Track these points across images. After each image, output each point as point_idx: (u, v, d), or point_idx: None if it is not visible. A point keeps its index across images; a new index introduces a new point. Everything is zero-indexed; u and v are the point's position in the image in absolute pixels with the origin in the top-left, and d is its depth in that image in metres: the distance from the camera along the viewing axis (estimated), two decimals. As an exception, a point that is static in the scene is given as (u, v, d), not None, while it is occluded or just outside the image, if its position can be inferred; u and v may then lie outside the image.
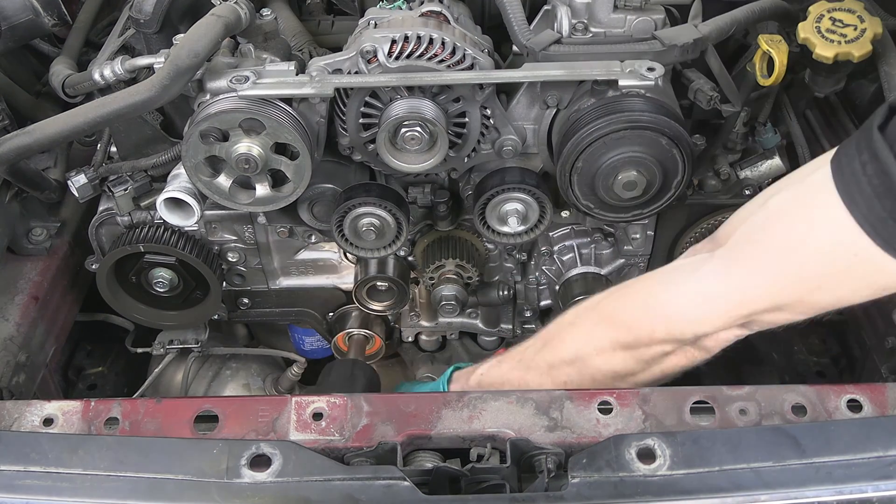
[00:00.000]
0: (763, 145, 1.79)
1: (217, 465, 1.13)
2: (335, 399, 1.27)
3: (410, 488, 1.10)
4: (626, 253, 1.85)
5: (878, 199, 1.11)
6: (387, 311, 1.91)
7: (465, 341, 2.16)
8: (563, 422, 1.23)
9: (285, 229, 1.79)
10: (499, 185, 1.63)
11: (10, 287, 1.80)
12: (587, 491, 1.10)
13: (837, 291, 1.23)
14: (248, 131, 1.49)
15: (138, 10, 1.62)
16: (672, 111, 1.52)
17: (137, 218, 1.76)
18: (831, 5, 1.58)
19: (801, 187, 1.26)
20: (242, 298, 1.94)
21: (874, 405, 1.25)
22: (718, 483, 1.10)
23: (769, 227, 1.28)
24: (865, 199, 1.12)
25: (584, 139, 1.49)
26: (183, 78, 1.45)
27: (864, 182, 1.12)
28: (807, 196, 1.24)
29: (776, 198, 1.29)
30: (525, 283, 1.94)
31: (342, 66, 1.53)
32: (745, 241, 1.31)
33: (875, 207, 1.11)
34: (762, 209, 1.30)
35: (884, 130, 1.11)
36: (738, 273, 1.30)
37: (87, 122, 1.52)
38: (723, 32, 1.56)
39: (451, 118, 1.55)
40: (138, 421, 1.26)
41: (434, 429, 1.23)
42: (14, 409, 1.28)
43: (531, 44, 1.53)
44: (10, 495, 1.11)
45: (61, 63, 1.79)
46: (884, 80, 1.57)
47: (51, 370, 1.85)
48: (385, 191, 1.63)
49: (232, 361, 2.12)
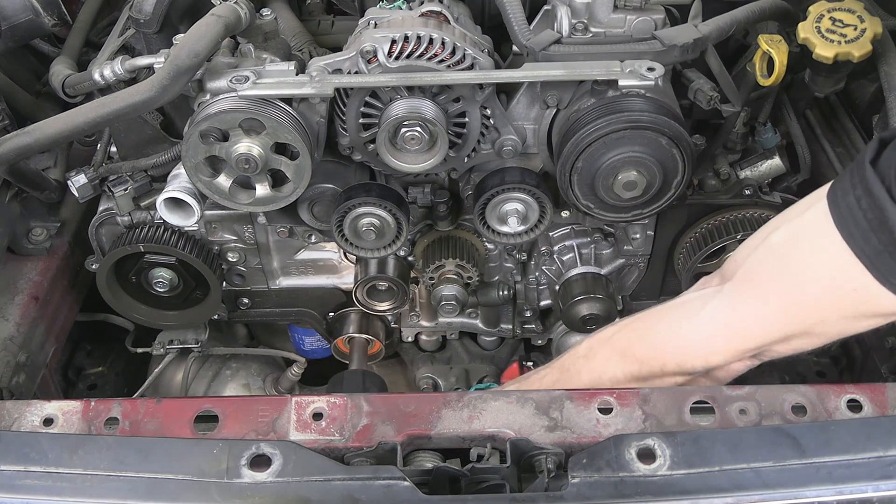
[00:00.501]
0: (763, 145, 1.79)
1: (217, 465, 1.13)
2: (335, 399, 1.27)
3: (410, 488, 1.10)
4: (626, 253, 1.85)
5: (873, 233, 1.13)
6: (387, 312, 1.91)
7: (465, 341, 2.16)
8: (563, 422, 1.23)
9: (285, 229, 1.79)
10: (499, 185, 1.62)
11: (10, 287, 1.80)
12: (587, 491, 1.10)
13: (841, 323, 1.27)
14: (248, 131, 1.49)
15: (138, 10, 1.62)
16: (672, 111, 1.52)
17: (137, 218, 1.76)
18: (831, 5, 1.58)
19: (801, 222, 1.28)
20: (242, 298, 1.94)
21: (874, 405, 1.25)
22: (718, 483, 1.10)
23: (772, 263, 1.31)
24: (862, 233, 1.14)
25: (584, 139, 1.49)
26: (183, 78, 1.45)
27: (860, 216, 1.14)
28: (806, 231, 1.26)
29: (777, 233, 1.31)
30: (525, 283, 1.94)
31: (342, 66, 1.53)
32: (750, 277, 1.34)
33: (871, 241, 1.13)
34: (764, 245, 1.33)
35: (875, 164, 1.14)
36: (744, 308, 1.34)
37: (87, 122, 1.52)
38: (723, 32, 1.56)
39: (451, 118, 1.55)
40: (138, 421, 1.26)
41: (434, 429, 1.23)
42: (14, 409, 1.28)
43: (531, 44, 1.53)
44: (10, 495, 1.11)
45: (61, 63, 1.78)
46: (884, 80, 1.58)
47: (51, 370, 1.85)
48: (385, 191, 1.63)
49: (232, 361, 2.12)
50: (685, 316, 1.42)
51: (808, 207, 1.26)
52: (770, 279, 1.31)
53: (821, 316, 1.26)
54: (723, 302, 1.36)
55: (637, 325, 1.50)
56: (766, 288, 1.31)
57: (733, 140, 1.78)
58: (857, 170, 1.16)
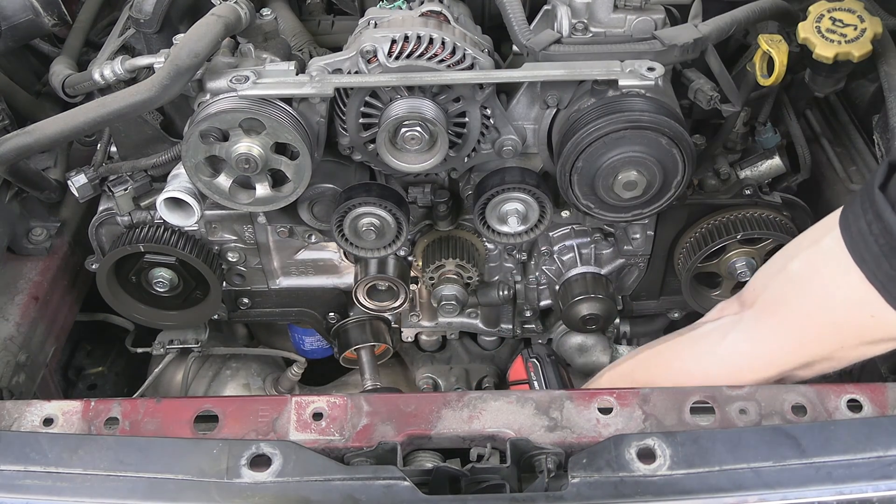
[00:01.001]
0: (763, 145, 1.79)
1: (217, 465, 1.13)
2: (335, 399, 1.27)
3: (410, 488, 1.10)
4: (626, 253, 1.85)
5: (885, 258, 1.13)
6: (386, 311, 1.91)
7: (465, 341, 2.16)
8: (563, 422, 1.23)
9: (285, 229, 1.79)
10: (499, 185, 1.62)
11: (10, 287, 1.80)
12: (587, 491, 1.10)
13: (860, 349, 1.28)
14: (248, 131, 1.49)
15: (138, 10, 1.62)
16: (672, 111, 1.52)
17: (137, 218, 1.76)
18: (831, 5, 1.58)
19: (816, 250, 1.29)
20: (242, 298, 1.94)
21: (874, 405, 1.25)
22: (718, 483, 1.10)
23: (792, 292, 1.32)
24: (874, 258, 1.15)
25: (584, 139, 1.49)
26: (183, 78, 1.45)
27: (871, 241, 1.14)
28: (821, 259, 1.27)
29: (794, 262, 1.32)
30: (525, 282, 1.94)
31: (342, 66, 1.53)
32: (770, 306, 1.35)
33: (883, 266, 1.14)
34: (784, 273, 1.33)
35: (885, 189, 1.14)
36: (767, 337, 1.34)
37: (87, 122, 1.52)
38: (723, 32, 1.56)
39: (451, 118, 1.55)
40: (138, 421, 1.26)
41: (434, 429, 1.23)
42: (14, 409, 1.28)
43: (531, 44, 1.53)
44: (10, 495, 1.11)
45: (61, 63, 1.78)
46: (884, 80, 1.58)
47: (51, 370, 1.85)
48: (385, 191, 1.63)
49: (232, 361, 2.12)
50: (707, 349, 1.43)
51: (824, 235, 1.27)
52: (790, 308, 1.31)
53: (840, 342, 1.28)
54: (744, 332, 1.37)
55: (657, 361, 1.50)
56: (787, 316, 1.32)
57: (733, 140, 1.78)
58: (866, 195, 1.16)
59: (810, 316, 1.29)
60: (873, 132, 1.74)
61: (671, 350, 1.50)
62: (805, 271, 1.30)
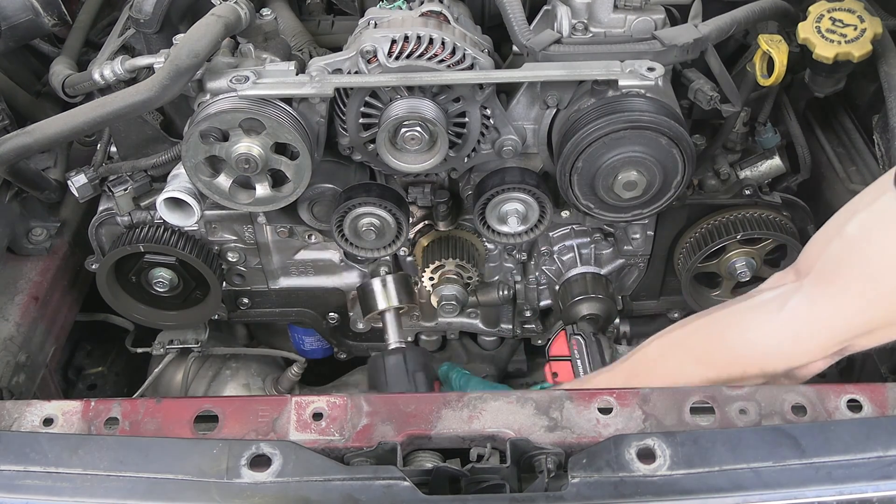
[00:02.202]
0: (763, 145, 1.79)
1: (217, 465, 1.13)
2: (335, 399, 1.27)
3: (410, 488, 1.10)
4: (626, 253, 1.85)
5: None
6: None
7: (465, 341, 2.16)
8: (563, 422, 1.23)
9: (285, 229, 1.79)
10: (499, 185, 1.62)
11: (10, 287, 1.80)
12: (587, 491, 1.10)
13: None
14: (248, 131, 1.49)
15: (138, 10, 1.62)
16: (672, 111, 1.52)
17: (137, 218, 1.76)
18: (831, 5, 1.58)
19: (871, 212, 1.26)
20: (242, 298, 1.94)
21: (874, 405, 1.25)
22: (718, 483, 1.10)
23: (850, 256, 1.29)
24: None
25: (584, 139, 1.49)
26: (183, 78, 1.45)
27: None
28: (880, 220, 1.24)
29: (851, 225, 1.29)
30: (525, 282, 1.94)
31: (342, 66, 1.53)
32: (829, 272, 1.32)
33: None
34: (840, 238, 1.30)
35: None
36: (828, 304, 1.31)
37: (87, 122, 1.52)
38: (723, 32, 1.56)
39: (451, 118, 1.55)
40: (138, 421, 1.26)
41: (434, 429, 1.23)
42: (14, 409, 1.28)
43: (531, 44, 1.53)
44: (10, 495, 1.11)
45: (61, 63, 1.79)
46: (884, 80, 1.58)
47: (51, 370, 1.85)
48: (385, 191, 1.63)
49: (232, 361, 2.12)
50: (765, 317, 1.38)
51: (879, 195, 1.24)
52: (850, 273, 1.28)
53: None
54: (804, 299, 1.33)
55: (713, 329, 1.46)
56: (847, 282, 1.28)
57: (733, 140, 1.78)
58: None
59: (871, 279, 1.25)
60: (873, 132, 1.74)
61: (728, 318, 1.45)
62: (862, 234, 1.26)
